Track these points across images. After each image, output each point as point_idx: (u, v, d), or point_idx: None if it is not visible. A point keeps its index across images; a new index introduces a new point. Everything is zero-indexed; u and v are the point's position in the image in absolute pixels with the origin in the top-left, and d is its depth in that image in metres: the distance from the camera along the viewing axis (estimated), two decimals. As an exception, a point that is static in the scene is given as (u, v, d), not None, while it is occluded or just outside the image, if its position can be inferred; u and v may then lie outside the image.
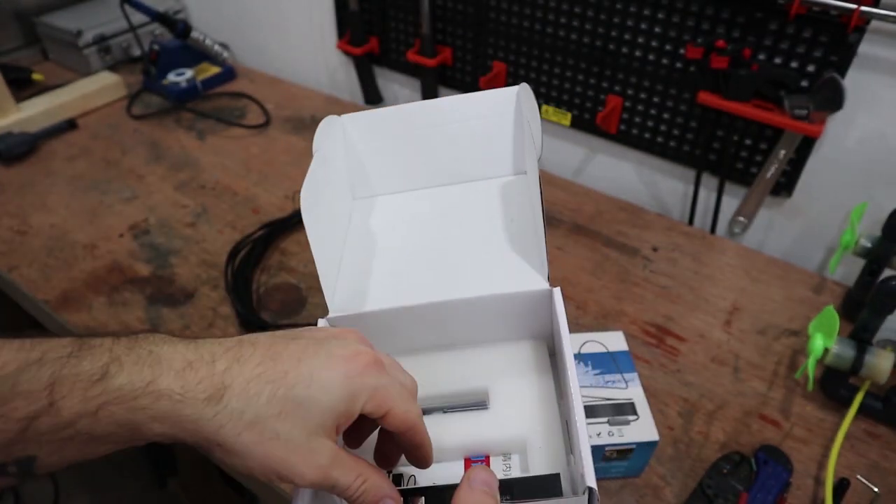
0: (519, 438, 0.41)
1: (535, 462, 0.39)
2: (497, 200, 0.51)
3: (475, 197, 0.52)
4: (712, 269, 0.79)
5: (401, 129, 0.52)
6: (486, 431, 0.41)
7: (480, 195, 0.52)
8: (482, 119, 0.51)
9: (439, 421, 0.42)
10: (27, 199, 0.94)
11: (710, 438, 0.60)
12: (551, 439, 0.40)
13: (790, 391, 0.64)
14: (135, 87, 1.21)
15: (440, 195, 0.53)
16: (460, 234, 0.49)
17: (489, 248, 0.47)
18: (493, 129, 0.51)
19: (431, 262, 0.47)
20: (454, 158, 0.52)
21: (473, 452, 0.41)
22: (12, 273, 0.80)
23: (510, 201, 0.51)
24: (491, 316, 0.45)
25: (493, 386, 0.44)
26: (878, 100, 0.71)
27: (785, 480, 0.55)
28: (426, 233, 0.50)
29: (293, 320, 0.73)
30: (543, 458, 0.39)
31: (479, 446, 0.41)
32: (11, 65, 1.23)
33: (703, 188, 0.89)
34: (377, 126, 0.52)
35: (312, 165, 0.43)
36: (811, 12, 0.69)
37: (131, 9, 1.15)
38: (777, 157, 0.78)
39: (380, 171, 0.54)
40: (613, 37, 0.85)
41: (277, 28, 1.27)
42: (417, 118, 0.51)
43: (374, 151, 0.53)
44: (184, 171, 1.00)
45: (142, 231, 0.87)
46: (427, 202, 0.53)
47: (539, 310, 0.44)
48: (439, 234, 0.50)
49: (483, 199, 0.52)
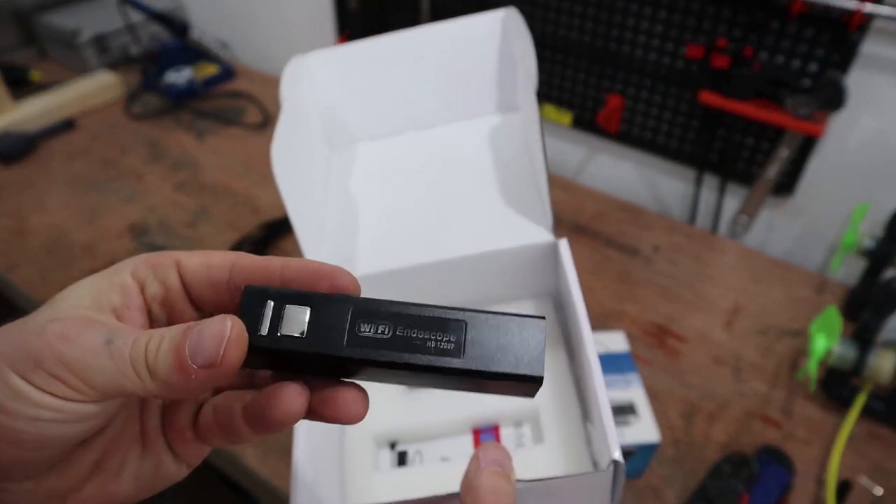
0: (530, 406, 0.38)
1: (549, 431, 0.36)
2: (486, 143, 0.46)
3: (462, 140, 0.47)
4: (713, 270, 0.79)
5: (375, 66, 0.47)
6: (494, 400, 0.38)
7: (467, 137, 0.47)
8: (464, 51, 0.46)
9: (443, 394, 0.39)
10: (25, 199, 0.94)
11: (712, 439, 0.60)
12: (565, 405, 0.37)
13: (792, 392, 0.64)
14: (133, 86, 1.21)
15: (424, 139, 0.48)
16: (450, 184, 0.45)
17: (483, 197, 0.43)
18: (477, 62, 0.46)
19: (421, 217, 0.43)
20: (434, 96, 0.48)
21: (482, 424, 0.39)
22: (10, 273, 0.80)
23: (500, 143, 0.46)
24: (492, 274, 0.41)
25: None
26: (880, 99, 0.70)
27: (786, 482, 0.54)
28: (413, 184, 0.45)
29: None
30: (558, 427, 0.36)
31: (487, 417, 0.39)
32: (9, 64, 1.23)
33: (705, 188, 0.88)
34: (348, 64, 0.47)
35: (281, 116, 0.39)
36: (813, 11, 0.68)
37: (130, 8, 1.14)
38: (778, 156, 0.78)
39: (356, 115, 0.49)
40: (614, 36, 0.84)
41: (277, 27, 1.26)
42: (391, 53, 0.46)
43: (347, 93, 0.47)
44: (183, 170, 0.99)
45: (141, 231, 0.87)
46: (410, 148, 0.48)
47: (543, 264, 0.40)
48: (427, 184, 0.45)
49: (470, 141, 0.47)
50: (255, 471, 0.58)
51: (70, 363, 0.20)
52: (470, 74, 0.46)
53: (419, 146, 0.48)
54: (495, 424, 0.38)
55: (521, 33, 0.41)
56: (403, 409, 0.40)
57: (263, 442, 0.60)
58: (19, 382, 0.19)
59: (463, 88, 0.47)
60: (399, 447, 0.39)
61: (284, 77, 0.42)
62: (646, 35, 0.82)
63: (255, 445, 0.60)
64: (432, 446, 0.38)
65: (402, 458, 0.38)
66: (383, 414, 0.40)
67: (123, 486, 0.24)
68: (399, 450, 0.39)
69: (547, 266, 0.40)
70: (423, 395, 0.41)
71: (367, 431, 0.38)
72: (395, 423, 0.39)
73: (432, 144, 0.48)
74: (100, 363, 0.20)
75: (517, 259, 0.40)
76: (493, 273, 0.41)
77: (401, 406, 0.40)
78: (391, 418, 0.40)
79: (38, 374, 0.19)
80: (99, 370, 0.20)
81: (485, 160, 0.45)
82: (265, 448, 0.60)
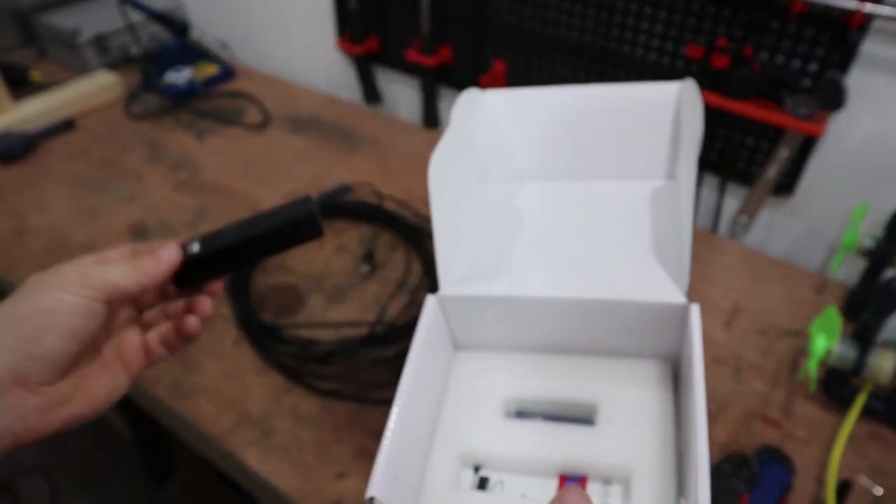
0: (624, 466, 0.36)
1: (638, 497, 0.35)
2: (644, 203, 0.46)
3: (620, 196, 0.47)
4: (713, 270, 0.79)
5: (549, 112, 0.48)
6: (589, 451, 0.37)
7: (626, 195, 0.47)
8: (639, 113, 0.46)
9: (539, 429, 0.39)
10: (25, 199, 0.94)
11: (712, 439, 0.59)
12: (662, 474, 0.35)
13: (792, 392, 0.64)
14: (133, 86, 1.21)
15: (582, 189, 0.48)
16: (597, 232, 0.44)
17: (626, 251, 0.42)
18: (650, 126, 0.47)
19: (559, 254, 0.43)
20: (603, 152, 0.48)
21: (570, 471, 0.37)
22: (10, 274, 0.80)
23: (659, 206, 0.46)
24: (616, 323, 0.40)
25: (604, 402, 0.40)
26: (880, 99, 0.70)
27: (787, 482, 0.54)
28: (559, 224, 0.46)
29: (292, 320, 0.73)
30: (649, 495, 0.35)
31: (577, 465, 0.37)
32: (9, 64, 1.23)
33: (705, 188, 0.88)
34: (523, 106, 0.48)
35: (445, 135, 0.40)
36: (813, 11, 0.68)
37: (130, 7, 1.14)
38: (779, 156, 0.78)
39: (520, 154, 0.49)
40: (614, 36, 0.84)
41: (277, 27, 1.27)
42: (568, 103, 0.47)
43: (516, 133, 0.48)
44: (183, 170, 0.99)
45: (141, 231, 0.87)
46: (566, 194, 0.48)
47: (670, 326, 0.39)
48: (573, 227, 0.45)
49: (628, 199, 0.47)
50: (254, 471, 0.59)
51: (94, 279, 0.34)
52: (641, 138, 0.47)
53: (575, 193, 0.48)
54: (584, 476, 0.37)
55: (694, 101, 0.42)
56: (496, 435, 0.40)
57: (263, 441, 0.60)
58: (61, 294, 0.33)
59: (632, 150, 0.48)
60: (482, 471, 0.38)
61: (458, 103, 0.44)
62: (646, 35, 0.82)
63: (255, 445, 0.60)
64: (516, 479, 0.37)
65: (483, 483, 0.38)
66: (475, 436, 0.39)
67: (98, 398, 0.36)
68: (482, 474, 0.38)
69: (673, 327, 0.39)
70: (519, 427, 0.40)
71: (454, 449, 0.38)
72: (484, 447, 0.39)
73: (589, 194, 0.48)
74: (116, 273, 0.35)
75: (644, 313, 0.39)
76: (618, 323, 0.40)
77: (495, 432, 0.40)
78: (482, 441, 0.39)
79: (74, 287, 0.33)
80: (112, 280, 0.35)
81: (638, 217, 0.45)
82: (265, 448, 0.60)
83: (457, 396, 0.42)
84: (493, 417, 0.41)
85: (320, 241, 0.85)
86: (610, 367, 0.42)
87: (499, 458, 0.39)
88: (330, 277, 0.79)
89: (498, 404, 0.41)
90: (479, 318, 0.37)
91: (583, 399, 0.40)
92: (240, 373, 0.68)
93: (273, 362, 0.68)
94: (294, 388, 0.66)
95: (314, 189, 0.91)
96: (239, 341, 0.71)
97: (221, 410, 0.64)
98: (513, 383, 0.42)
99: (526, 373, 0.37)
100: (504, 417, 0.41)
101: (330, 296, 0.77)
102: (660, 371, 0.41)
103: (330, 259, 0.82)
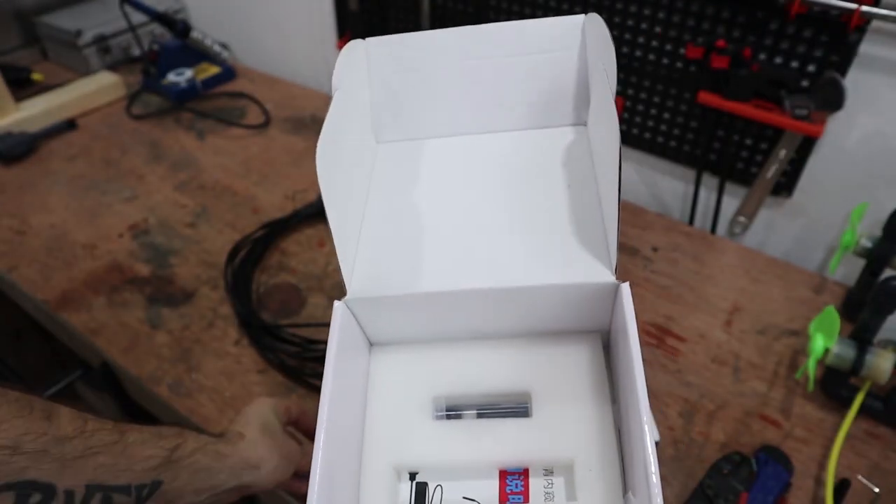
0: (565, 456, 0.35)
1: (583, 490, 0.33)
2: (554, 157, 0.42)
3: (526, 151, 0.43)
4: (713, 270, 0.79)
5: (439, 59, 0.43)
6: (527, 443, 0.35)
7: (533, 149, 0.42)
8: (540, 54, 0.42)
9: (472, 426, 0.37)
10: (27, 199, 0.94)
11: (711, 439, 0.60)
12: (603, 459, 0.34)
13: (791, 391, 0.64)
14: (134, 86, 1.21)
15: (483, 145, 0.44)
16: (506, 200, 0.40)
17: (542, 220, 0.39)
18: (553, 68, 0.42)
19: (470, 234, 0.39)
20: (503, 100, 0.44)
21: (510, 465, 0.36)
22: (12, 273, 0.80)
23: (570, 160, 0.41)
24: (540, 307, 0.37)
25: (536, 389, 0.37)
26: (878, 99, 0.70)
27: (785, 481, 0.55)
28: (464, 194, 0.41)
29: (293, 320, 0.73)
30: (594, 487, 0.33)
31: (517, 458, 0.35)
32: (11, 64, 1.23)
33: (704, 188, 0.89)
34: (410, 55, 0.42)
35: (332, 108, 0.35)
36: (812, 12, 0.68)
37: (131, 8, 1.14)
38: (777, 157, 0.78)
39: (411, 109, 0.44)
40: (613, 36, 0.84)
41: (277, 28, 1.27)
42: (459, 47, 0.42)
43: (404, 85, 0.43)
44: (183, 171, 1.00)
45: (141, 231, 0.87)
46: (467, 153, 0.43)
47: (599, 304, 0.37)
48: (481, 197, 0.41)
49: (536, 153, 0.42)
50: (255, 470, 0.59)
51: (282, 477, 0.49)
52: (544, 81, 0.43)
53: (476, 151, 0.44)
54: (525, 468, 0.35)
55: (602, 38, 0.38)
56: (428, 439, 0.37)
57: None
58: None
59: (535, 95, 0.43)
60: (420, 476, 0.36)
61: (340, 59, 0.38)
62: (645, 35, 0.82)
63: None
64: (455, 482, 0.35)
65: (422, 490, 0.36)
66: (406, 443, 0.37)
67: None
68: (420, 479, 0.36)
69: (603, 305, 0.37)
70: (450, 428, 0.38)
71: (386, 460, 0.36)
72: (418, 454, 0.37)
73: (492, 151, 0.43)
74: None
75: (571, 296, 0.36)
76: (543, 306, 0.37)
77: (426, 436, 0.37)
78: (415, 449, 0.37)
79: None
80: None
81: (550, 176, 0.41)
82: (265, 447, 0.60)
83: (382, 403, 0.39)
84: (423, 420, 0.38)
85: (320, 241, 0.85)
86: (538, 348, 0.39)
87: (434, 463, 0.36)
88: (330, 277, 0.79)
89: (425, 404, 0.38)
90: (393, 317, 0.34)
91: (514, 388, 0.38)
92: (240, 372, 0.68)
93: (273, 362, 0.68)
94: (294, 388, 0.66)
95: (314, 189, 0.91)
96: (239, 341, 0.71)
97: (222, 410, 0.64)
98: (438, 380, 0.39)
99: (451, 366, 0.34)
100: (434, 419, 0.38)
101: (330, 296, 0.77)
102: (590, 346, 0.39)
103: (330, 259, 0.82)
